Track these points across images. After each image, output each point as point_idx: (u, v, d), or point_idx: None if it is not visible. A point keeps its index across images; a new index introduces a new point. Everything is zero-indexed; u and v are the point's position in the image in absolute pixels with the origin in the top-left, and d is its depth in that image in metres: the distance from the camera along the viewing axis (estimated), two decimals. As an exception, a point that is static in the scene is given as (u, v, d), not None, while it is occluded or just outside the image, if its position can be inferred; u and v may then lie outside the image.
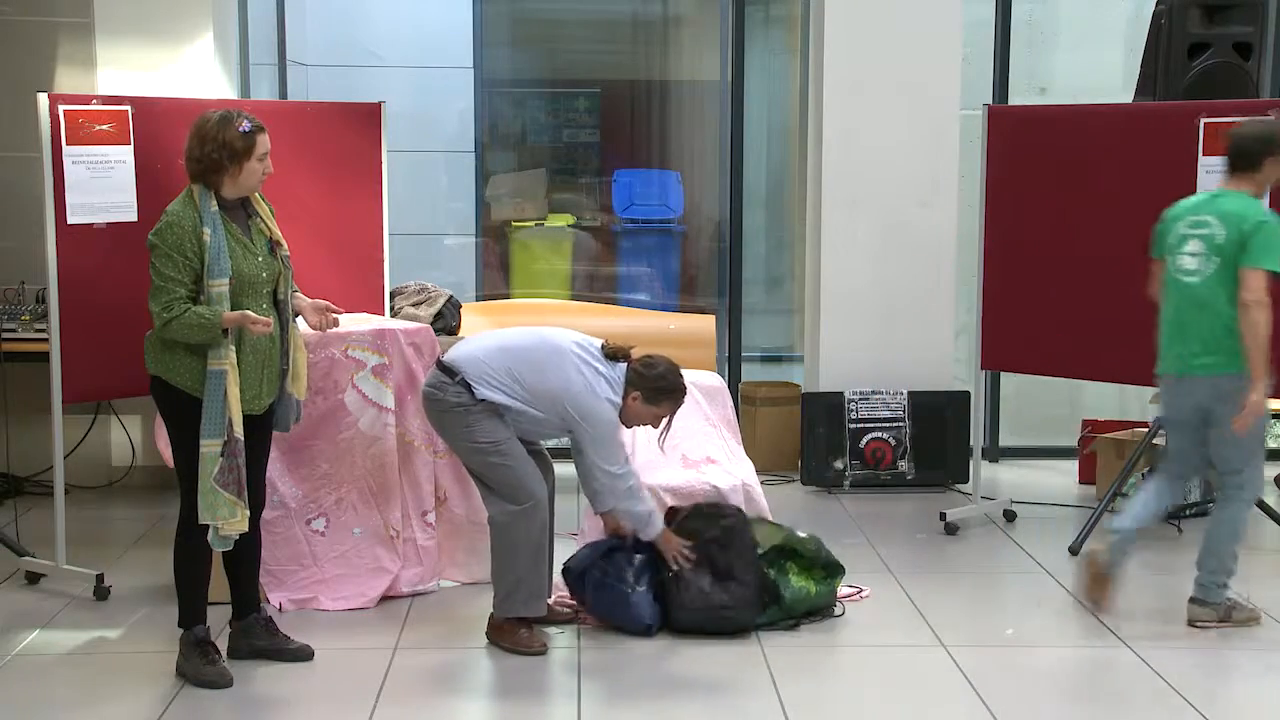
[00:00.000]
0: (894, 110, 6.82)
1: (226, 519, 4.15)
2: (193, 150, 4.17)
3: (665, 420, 4.64)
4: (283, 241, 4.33)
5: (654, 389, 4.52)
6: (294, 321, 4.40)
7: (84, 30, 6.43)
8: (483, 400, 4.46)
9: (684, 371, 5.77)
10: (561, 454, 4.77)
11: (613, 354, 4.54)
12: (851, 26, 6.83)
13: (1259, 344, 4.54)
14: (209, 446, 4.12)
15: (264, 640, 4.48)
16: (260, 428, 4.35)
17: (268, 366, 4.29)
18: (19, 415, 5.82)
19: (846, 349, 6.91)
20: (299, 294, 4.47)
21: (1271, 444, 7.61)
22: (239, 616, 4.51)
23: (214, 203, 4.16)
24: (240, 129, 4.15)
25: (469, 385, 4.46)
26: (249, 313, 4.12)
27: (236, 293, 4.15)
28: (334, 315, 4.49)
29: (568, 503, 5.48)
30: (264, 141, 4.20)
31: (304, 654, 4.48)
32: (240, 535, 4.28)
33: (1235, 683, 4.39)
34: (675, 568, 4.66)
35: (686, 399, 5.63)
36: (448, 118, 8.84)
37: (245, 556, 4.45)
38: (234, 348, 4.14)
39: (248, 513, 4.20)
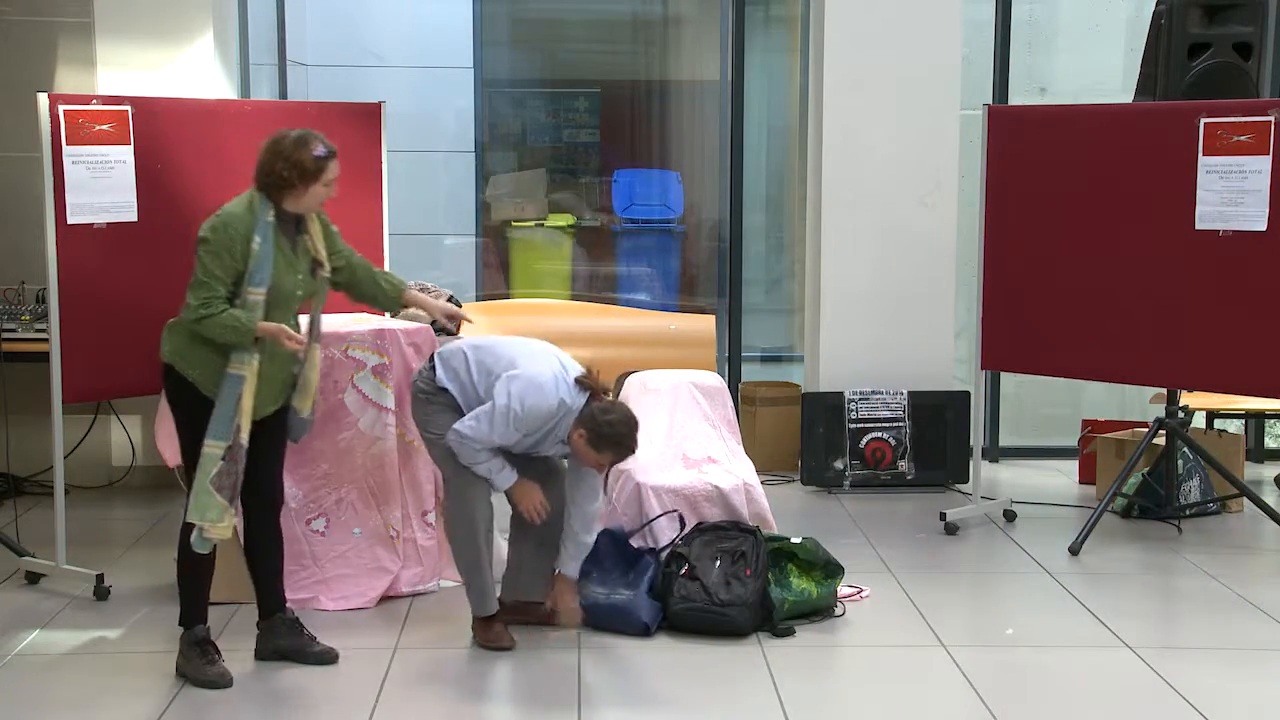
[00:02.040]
0: (894, 110, 6.82)
1: (214, 523, 4.15)
2: (264, 164, 4.20)
3: (606, 468, 4.55)
4: (326, 263, 4.35)
5: (597, 434, 4.38)
6: (317, 342, 4.41)
7: (84, 30, 6.43)
8: (443, 389, 4.48)
9: (684, 372, 5.82)
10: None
11: (583, 383, 4.44)
12: (851, 26, 6.83)
13: None
14: (212, 448, 4.13)
15: (288, 641, 4.47)
16: (274, 429, 4.36)
17: (281, 375, 4.32)
18: (19, 415, 5.81)
19: (846, 349, 6.91)
20: (411, 291, 4.57)
21: (1271, 444, 7.62)
22: (264, 616, 4.51)
23: (271, 214, 4.19)
24: (315, 153, 4.18)
25: (434, 368, 4.51)
26: (286, 328, 4.17)
27: (269, 304, 4.17)
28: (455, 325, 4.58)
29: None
30: (334, 168, 4.23)
31: (328, 657, 4.45)
32: (263, 536, 4.35)
33: (1235, 683, 4.39)
34: (535, 518, 4.56)
35: (686, 398, 5.67)
36: (448, 118, 8.84)
37: (269, 557, 4.48)
38: (258, 357, 4.16)
39: (234, 522, 4.20)
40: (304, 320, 4.41)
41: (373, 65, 8.65)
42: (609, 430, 4.39)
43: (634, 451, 4.49)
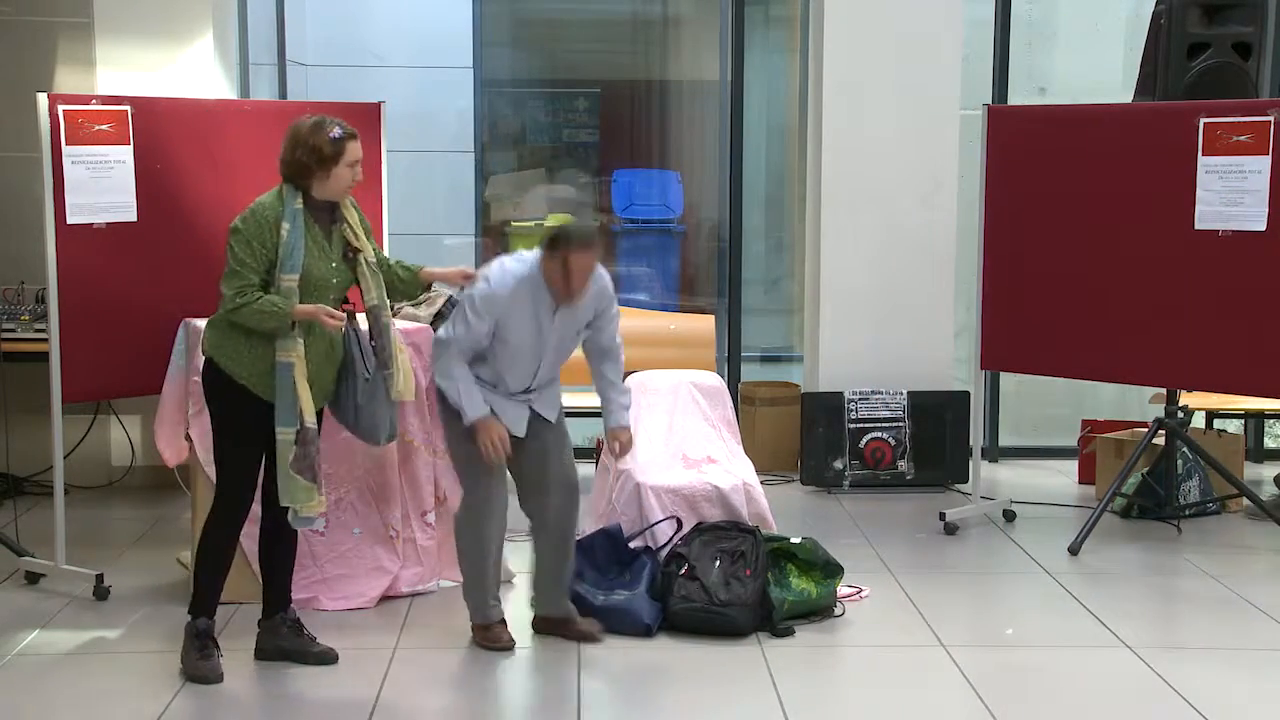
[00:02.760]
0: (894, 110, 6.82)
1: (304, 503, 4.24)
2: (285, 153, 4.24)
3: (569, 274, 4.37)
4: (365, 249, 4.37)
5: (552, 243, 4.36)
6: (392, 325, 4.44)
7: (84, 30, 6.43)
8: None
9: (684, 372, 5.82)
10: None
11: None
12: (851, 26, 6.83)
13: None
14: (284, 435, 4.20)
15: (288, 641, 4.47)
16: None
17: (328, 364, 4.34)
18: (19, 415, 5.82)
19: (846, 349, 6.90)
20: (426, 269, 4.55)
21: (1271, 444, 7.62)
22: (267, 615, 4.51)
23: (299, 201, 4.22)
24: (330, 135, 4.21)
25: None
26: (324, 306, 4.20)
27: (303, 291, 4.20)
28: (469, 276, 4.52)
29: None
30: (354, 149, 4.25)
31: (328, 658, 4.46)
32: (278, 536, 4.36)
33: (1235, 683, 4.39)
34: (492, 455, 4.43)
35: (686, 398, 5.67)
36: (448, 118, 8.84)
37: (282, 556, 4.49)
38: (301, 341, 4.19)
39: (324, 497, 4.28)
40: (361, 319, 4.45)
41: (373, 65, 8.65)
42: (558, 230, 4.38)
43: (593, 239, 4.40)
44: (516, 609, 4.82)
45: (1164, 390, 6.17)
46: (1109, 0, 7.92)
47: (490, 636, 4.60)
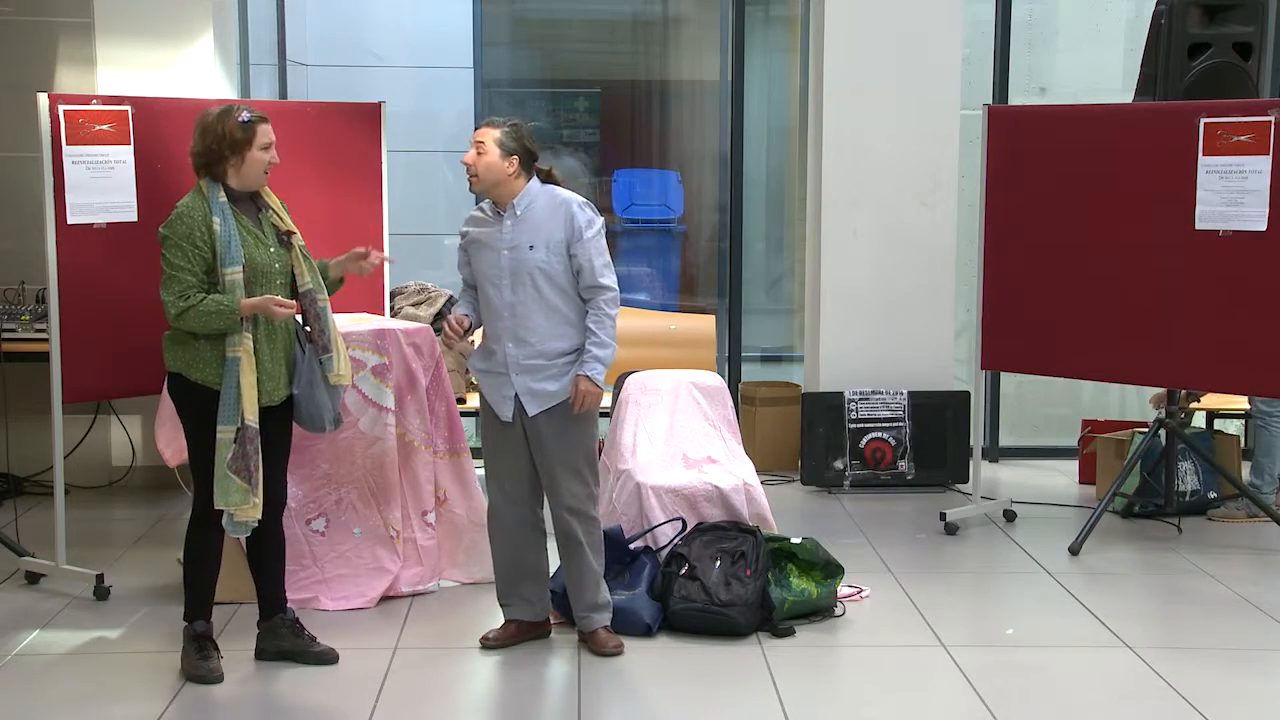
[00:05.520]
0: (894, 110, 6.82)
1: (238, 505, 4.17)
2: (195, 145, 4.23)
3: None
4: (295, 230, 4.35)
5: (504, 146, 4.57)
6: (329, 309, 4.39)
7: (84, 30, 6.43)
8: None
9: (684, 372, 5.83)
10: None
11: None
12: (851, 26, 6.83)
13: None
14: (223, 433, 4.15)
15: (289, 642, 4.47)
16: (279, 421, 4.35)
17: (283, 356, 4.30)
18: (19, 415, 5.82)
19: (846, 349, 6.91)
20: (323, 261, 4.46)
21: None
22: (265, 617, 4.50)
23: (222, 194, 4.20)
24: (240, 119, 4.20)
25: None
26: (273, 296, 4.16)
27: (250, 282, 4.18)
28: (372, 259, 4.43)
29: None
30: (266, 131, 4.24)
31: (328, 657, 4.46)
32: (264, 535, 4.32)
33: (1235, 683, 4.39)
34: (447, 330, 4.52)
35: (686, 398, 5.67)
36: (448, 118, 8.84)
37: (270, 556, 4.47)
38: (250, 336, 4.16)
39: (258, 501, 4.20)
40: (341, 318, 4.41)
41: (373, 65, 8.65)
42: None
43: (530, 136, 4.62)
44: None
45: (1164, 390, 6.17)
46: (1109, 1, 7.92)
47: (491, 634, 4.62)
